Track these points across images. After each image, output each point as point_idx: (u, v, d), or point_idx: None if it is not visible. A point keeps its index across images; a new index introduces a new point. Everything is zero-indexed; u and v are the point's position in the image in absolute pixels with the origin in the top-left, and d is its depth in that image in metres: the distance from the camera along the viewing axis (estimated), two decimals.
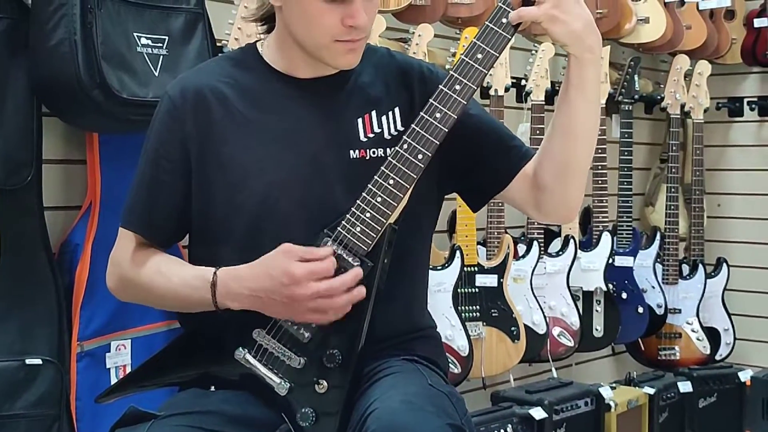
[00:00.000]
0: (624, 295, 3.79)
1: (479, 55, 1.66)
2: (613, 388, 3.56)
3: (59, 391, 2.32)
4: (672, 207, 4.02)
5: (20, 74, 2.30)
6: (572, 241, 3.55)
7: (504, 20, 1.66)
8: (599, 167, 3.67)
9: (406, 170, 1.66)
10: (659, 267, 4.00)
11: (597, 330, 3.67)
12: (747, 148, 4.52)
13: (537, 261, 3.40)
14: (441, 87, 1.67)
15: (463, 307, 3.20)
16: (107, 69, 2.25)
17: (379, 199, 1.65)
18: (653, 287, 3.94)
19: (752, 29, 4.34)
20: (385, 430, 1.53)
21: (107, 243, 1.88)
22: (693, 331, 4.03)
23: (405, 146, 1.66)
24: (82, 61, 2.23)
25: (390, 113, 1.79)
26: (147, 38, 2.37)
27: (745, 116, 4.49)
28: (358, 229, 1.65)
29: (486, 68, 1.66)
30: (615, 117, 3.97)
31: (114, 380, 2.44)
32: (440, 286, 3.11)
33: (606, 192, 3.76)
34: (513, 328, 3.26)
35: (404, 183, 1.66)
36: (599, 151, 3.59)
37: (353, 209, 1.66)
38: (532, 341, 3.32)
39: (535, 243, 3.41)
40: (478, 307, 3.23)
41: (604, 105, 3.71)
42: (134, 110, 2.28)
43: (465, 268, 3.19)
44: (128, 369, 2.47)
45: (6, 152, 2.27)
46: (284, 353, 1.68)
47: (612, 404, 3.46)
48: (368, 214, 1.65)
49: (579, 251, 3.60)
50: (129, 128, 2.34)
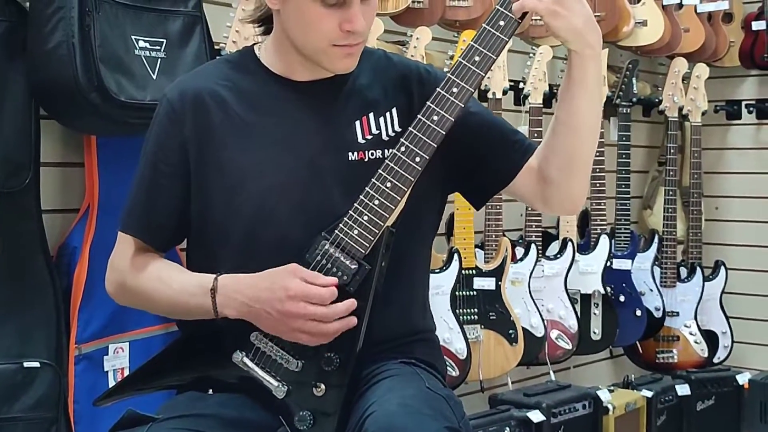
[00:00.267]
0: (622, 298, 3.79)
1: (477, 58, 1.66)
2: (611, 391, 3.56)
3: (57, 394, 2.32)
4: (670, 210, 4.02)
5: (18, 77, 2.30)
6: (570, 244, 3.55)
7: (501, 23, 1.66)
8: (597, 170, 3.65)
9: (404, 173, 1.66)
10: (657, 270, 3.99)
11: (595, 333, 3.67)
12: (745, 151, 4.52)
13: (535, 264, 3.40)
14: (438, 90, 1.67)
15: (461, 310, 3.19)
16: (105, 72, 2.25)
17: (377, 202, 1.65)
18: (651, 290, 3.94)
19: (750, 32, 4.33)
20: None
21: (105, 246, 1.88)
22: (691, 334, 4.02)
23: (402, 149, 1.66)
24: (80, 64, 2.22)
25: (387, 114, 1.79)
26: (145, 41, 2.36)
27: (743, 119, 4.49)
28: (356, 232, 1.65)
29: (483, 71, 1.66)
30: (613, 120, 3.96)
31: (112, 383, 2.44)
32: (438, 289, 3.10)
33: (604, 195, 3.76)
34: (511, 331, 3.26)
35: (402, 186, 1.66)
36: (597, 154, 3.54)
37: (351, 212, 1.66)
38: (530, 344, 3.31)
39: (533, 246, 3.41)
40: (476, 310, 3.23)
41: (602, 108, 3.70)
42: (132, 113, 2.28)
43: (463, 271, 3.18)
44: (126, 372, 2.47)
45: (4, 155, 2.27)
46: (282, 356, 1.68)
47: (610, 407, 3.45)
48: (366, 217, 1.65)
49: (577, 254, 3.60)
50: (127, 131, 2.33)
